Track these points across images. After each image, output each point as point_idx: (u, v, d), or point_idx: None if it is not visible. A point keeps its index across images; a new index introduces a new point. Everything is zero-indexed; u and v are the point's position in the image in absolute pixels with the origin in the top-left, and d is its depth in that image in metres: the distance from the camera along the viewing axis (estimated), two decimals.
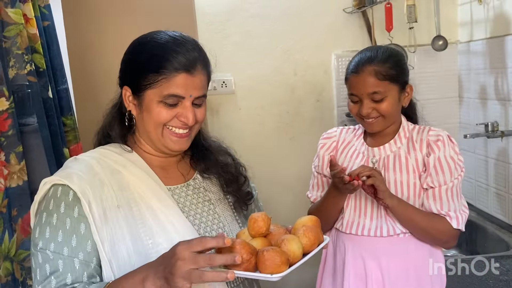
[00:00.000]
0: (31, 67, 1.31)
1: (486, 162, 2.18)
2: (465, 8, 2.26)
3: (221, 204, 1.14)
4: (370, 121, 1.36)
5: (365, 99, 1.34)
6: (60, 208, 0.96)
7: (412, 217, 1.33)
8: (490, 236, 2.07)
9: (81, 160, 1.04)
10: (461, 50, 2.32)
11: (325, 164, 1.48)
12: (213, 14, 2.31)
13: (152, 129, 1.03)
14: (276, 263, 0.88)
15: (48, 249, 0.94)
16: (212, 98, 2.36)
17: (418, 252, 1.38)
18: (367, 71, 1.32)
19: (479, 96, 2.20)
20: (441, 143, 1.34)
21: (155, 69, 1.00)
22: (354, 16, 2.32)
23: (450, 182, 1.33)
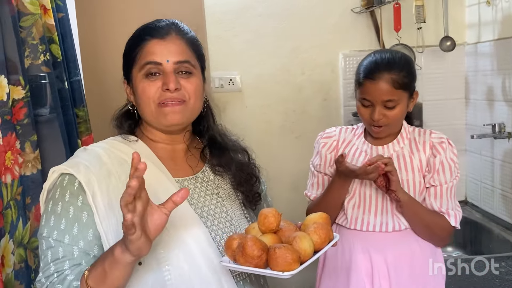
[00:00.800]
0: (45, 58, 1.32)
1: (492, 164, 2.19)
2: (473, 10, 2.28)
3: (230, 199, 1.13)
4: (377, 129, 1.38)
5: (378, 105, 1.35)
6: (65, 197, 0.97)
7: (419, 213, 1.38)
8: (495, 237, 2.08)
9: (90, 151, 1.05)
10: (469, 52, 2.34)
11: (327, 163, 1.49)
12: (222, 13, 2.33)
13: (145, 107, 1.03)
14: (287, 261, 0.88)
15: (51, 237, 0.95)
16: (219, 95, 2.38)
17: (421, 245, 1.42)
18: (384, 79, 1.33)
19: (486, 97, 2.22)
20: (445, 145, 1.41)
21: (133, 47, 1.04)
22: (362, 16, 2.33)
23: (450, 182, 1.41)
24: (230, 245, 0.94)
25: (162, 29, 1.03)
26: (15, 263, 1.14)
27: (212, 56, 2.33)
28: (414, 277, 1.40)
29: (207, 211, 1.07)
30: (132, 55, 1.04)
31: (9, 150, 1.11)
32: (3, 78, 1.14)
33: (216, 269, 1.01)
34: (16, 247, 1.16)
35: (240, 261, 0.89)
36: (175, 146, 1.10)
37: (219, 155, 1.14)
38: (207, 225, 1.05)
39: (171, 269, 0.97)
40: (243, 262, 0.88)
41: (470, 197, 2.44)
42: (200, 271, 0.99)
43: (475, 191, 2.38)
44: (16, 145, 1.16)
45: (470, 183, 2.42)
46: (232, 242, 0.94)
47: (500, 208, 2.15)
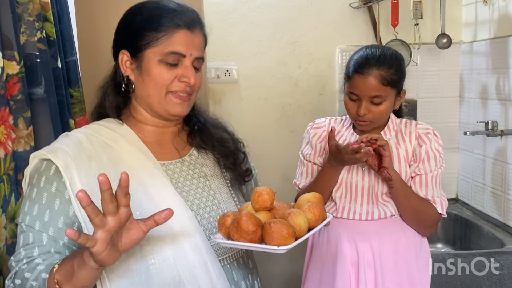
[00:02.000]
0: (42, 35, 1.31)
1: (483, 162, 2.21)
2: (470, 8, 2.30)
3: (217, 180, 1.12)
4: (362, 123, 1.40)
5: (364, 100, 1.36)
6: (40, 183, 0.97)
7: (409, 196, 1.40)
8: (485, 234, 2.09)
9: (70, 136, 1.04)
10: (464, 50, 2.35)
11: (317, 152, 1.51)
12: (220, 3, 2.32)
13: (153, 92, 1.01)
14: (283, 235, 0.88)
15: (24, 222, 0.95)
16: (215, 86, 2.37)
17: (406, 233, 1.44)
18: (373, 74, 1.34)
19: (480, 96, 2.23)
20: (431, 136, 1.44)
21: (155, 26, 0.99)
22: (359, 11, 2.34)
23: (435, 171, 1.43)
24: (223, 223, 0.93)
25: (191, 20, 1.02)
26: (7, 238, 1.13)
27: (209, 46, 2.25)
28: (399, 265, 1.42)
29: (194, 195, 1.06)
30: (153, 35, 0.99)
31: (2, 125, 1.09)
32: None
33: (202, 253, 1.00)
34: (8, 222, 1.15)
35: (234, 237, 0.89)
36: (165, 130, 1.09)
37: (200, 132, 1.13)
38: (192, 209, 1.03)
39: (155, 253, 0.96)
40: (237, 238, 0.88)
41: (461, 194, 2.45)
42: (185, 256, 0.98)
43: (466, 188, 2.39)
44: (9, 120, 1.14)
45: (462, 181, 2.44)
46: (226, 219, 0.93)
47: (490, 206, 2.17)
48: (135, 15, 1.03)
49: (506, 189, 2.04)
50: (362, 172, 1.44)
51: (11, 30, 1.20)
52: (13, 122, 1.16)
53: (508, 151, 2.01)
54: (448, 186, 2.47)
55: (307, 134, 1.55)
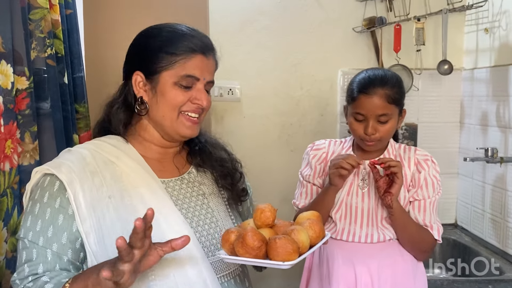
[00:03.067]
0: (52, 51, 1.34)
1: (483, 188, 2.22)
2: (471, 36, 2.34)
3: (215, 199, 1.15)
4: (370, 143, 1.43)
5: (371, 120, 1.40)
6: (43, 198, 0.98)
7: (408, 224, 1.43)
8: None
9: (73, 151, 1.05)
10: (465, 77, 2.39)
11: (316, 174, 1.54)
12: (226, 23, 2.37)
13: (167, 113, 1.04)
14: (288, 251, 0.90)
15: (27, 238, 0.96)
16: (217, 104, 2.40)
17: (404, 257, 1.46)
18: (378, 93, 1.39)
19: (480, 122, 2.26)
20: (429, 162, 1.48)
21: (173, 50, 1.03)
22: (363, 36, 2.38)
23: (433, 197, 1.47)
24: (228, 239, 0.95)
25: (206, 45, 1.07)
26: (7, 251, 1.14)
27: None
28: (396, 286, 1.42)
29: (193, 212, 1.08)
30: (170, 59, 1.03)
31: (10, 139, 1.12)
32: (9, 67, 1.16)
33: (201, 270, 1.02)
34: (9, 235, 1.16)
35: (239, 252, 0.91)
36: (167, 150, 1.12)
37: (201, 152, 1.16)
38: (192, 226, 1.05)
39: (155, 270, 0.98)
40: (243, 253, 0.90)
41: (460, 220, 2.46)
42: (186, 273, 0.99)
43: (465, 214, 2.40)
44: (16, 134, 1.16)
45: (461, 207, 2.45)
46: (230, 235, 0.95)
47: (489, 232, 2.17)
48: (151, 38, 1.07)
49: (505, 216, 2.05)
50: (362, 194, 1.46)
51: (22, 46, 1.23)
52: (19, 136, 1.18)
53: (507, 178, 2.03)
54: (447, 211, 2.48)
55: (307, 155, 1.58)
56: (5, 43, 1.15)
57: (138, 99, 1.06)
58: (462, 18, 2.37)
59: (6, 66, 1.16)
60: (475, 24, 2.30)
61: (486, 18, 2.21)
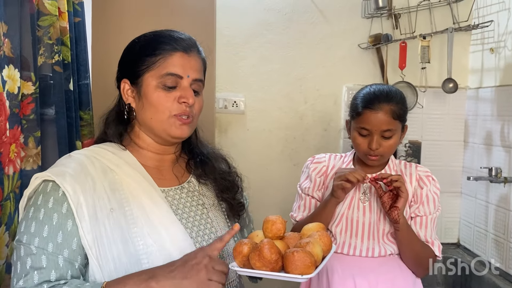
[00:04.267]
0: (59, 58, 1.36)
1: (486, 208, 2.21)
2: (476, 56, 2.36)
3: (215, 210, 1.14)
4: (374, 158, 1.44)
5: (376, 135, 1.41)
6: (48, 203, 0.95)
7: (412, 239, 1.43)
8: (485, 282, 2.08)
9: (74, 158, 1.03)
10: (470, 96, 2.40)
11: (316, 187, 1.54)
12: (231, 36, 2.39)
13: (154, 115, 1.03)
14: (306, 264, 0.90)
15: (32, 244, 0.92)
16: (221, 116, 2.41)
17: (403, 272, 1.46)
18: (384, 109, 1.41)
19: (484, 142, 2.26)
20: (431, 179, 1.50)
21: (152, 51, 1.03)
22: (368, 52, 2.40)
23: (434, 214, 1.48)
24: (241, 251, 0.94)
25: (187, 43, 1.05)
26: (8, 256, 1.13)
27: (219, 77, 2.38)
28: None
29: (192, 222, 1.07)
30: (150, 60, 1.03)
31: (14, 143, 1.12)
32: (16, 72, 1.17)
33: None
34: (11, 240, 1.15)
35: (256, 265, 0.90)
36: (164, 156, 1.11)
37: (203, 164, 1.15)
38: (192, 236, 1.05)
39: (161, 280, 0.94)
40: (259, 267, 0.90)
41: (462, 240, 2.44)
42: None
43: (468, 234, 2.39)
44: (20, 138, 1.17)
45: (464, 226, 2.44)
46: (243, 248, 0.94)
47: (492, 253, 2.16)
48: (134, 44, 1.09)
49: (508, 236, 2.04)
50: (363, 208, 1.47)
51: (29, 52, 1.25)
52: (23, 141, 1.18)
53: (511, 199, 2.02)
54: (450, 230, 2.47)
55: (307, 168, 1.58)
56: (13, 48, 1.17)
57: (126, 106, 1.06)
58: (467, 37, 2.39)
59: (13, 71, 1.17)
60: (481, 44, 2.32)
61: (492, 38, 2.23)
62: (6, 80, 1.10)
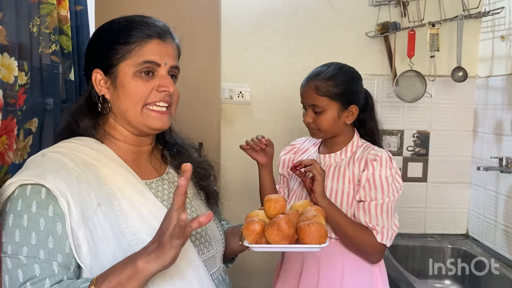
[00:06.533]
0: (56, 48, 1.29)
1: (496, 198, 2.12)
2: (487, 44, 2.24)
3: (196, 199, 1.10)
4: (311, 131, 1.49)
5: (307, 108, 1.47)
6: (31, 208, 0.86)
7: (340, 222, 1.39)
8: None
9: (50, 156, 0.94)
10: (480, 85, 2.29)
11: (280, 165, 1.66)
12: (237, 26, 2.31)
13: (131, 107, 0.96)
14: (321, 234, 0.93)
15: (21, 254, 0.84)
16: (227, 107, 2.34)
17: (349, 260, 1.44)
18: (309, 85, 1.45)
19: (494, 131, 2.16)
20: (377, 163, 1.41)
21: (126, 39, 0.95)
22: (376, 41, 2.30)
23: (381, 199, 1.39)
24: (254, 229, 0.94)
25: (162, 30, 0.99)
26: None
27: (224, 67, 2.30)
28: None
29: None
30: (125, 48, 0.95)
31: (6, 134, 1.05)
32: (12, 60, 1.10)
33: (198, 269, 0.97)
34: None
35: (275, 240, 0.92)
36: (141, 148, 1.04)
37: (179, 155, 1.11)
38: None
39: None
40: (278, 241, 0.91)
41: (471, 231, 2.35)
42: (182, 272, 0.94)
43: (477, 225, 2.30)
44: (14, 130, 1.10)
45: (472, 217, 2.34)
46: (255, 226, 0.95)
47: (501, 244, 2.07)
48: (104, 32, 0.99)
49: None
50: None
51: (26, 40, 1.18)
52: (16, 133, 1.12)
53: None
54: (459, 221, 2.38)
55: None
56: (9, 36, 1.10)
57: (100, 97, 0.98)
58: (477, 24, 2.28)
59: (9, 59, 1.10)
60: (491, 31, 2.20)
61: (503, 25, 2.11)
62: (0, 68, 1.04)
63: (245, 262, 2.39)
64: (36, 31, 1.22)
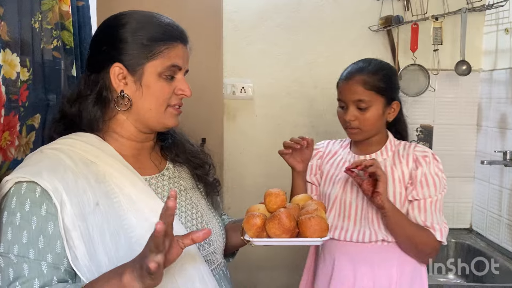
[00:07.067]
0: (58, 43, 1.27)
1: (500, 193, 2.10)
2: (491, 37, 2.22)
3: (196, 193, 1.10)
4: (352, 131, 1.40)
5: (350, 105, 1.37)
6: (24, 206, 0.85)
7: (402, 224, 1.33)
8: (499, 267, 1.98)
9: (48, 153, 0.92)
10: (484, 78, 2.26)
11: (308, 171, 1.51)
12: (239, 21, 2.29)
13: (154, 106, 0.97)
14: (322, 228, 0.93)
15: (11, 253, 0.83)
16: (230, 102, 2.32)
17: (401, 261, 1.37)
18: (355, 79, 1.36)
19: (498, 125, 2.14)
20: (429, 160, 1.37)
21: (156, 40, 0.96)
22: (379, 35, 2.28)
23: (435, 196, 1.36)
24: (255, 223, 0.94)
25: (185, 35, 1.02)
26: None
27: (226, 62, 2.28)
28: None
29: (179, 208, 1.02)
30: (156, 48, 0.95)
31: (7, 130, 1.04)
32: (14, 56, 1.09)
33: (199, 267, 0.96)
34: None
35: (276, 234, 0.92)
36: (144, 144, 1.03)
37: (174, 145, 1.11)
38: (182, 222, 1.00)
39: None
40: (279, 234, 0.92)
41: (475, 225, 2.34)
42: (184, 269, 0.93)
43: (481, 219, 2.28)
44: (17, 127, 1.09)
45: (476, 211, 2.33)
46: (256, 220, 0.94)
47: (505, 238, 2.05)
48: (131, 27, 0.97)
49: None
50: (356, 190, 1.40)
51: (28, 36, 1.17)
52: (19, 129, 1.11)
53: None
54: (462, 215, 2.37)
55: None
56: (10, 31, 1.08)
57: (120, 93, 0.96)
58: (481, 17, 2.25)
59: (11, 56, 1.09)
60: (495, 24, 2.18)
61: (507, 18, 2.09)
62: (1, 64, 1.03)
63: (246, 257, 2.38)
64: (38, 26, 1.21)
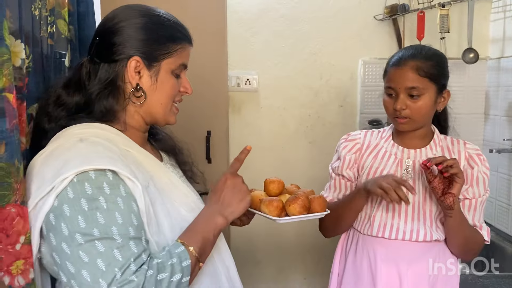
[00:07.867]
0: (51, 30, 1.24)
1: (509, 182, 2.07)
2: (498, 24, 2.18)
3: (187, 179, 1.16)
4: (401, 120, 1.28)
5: (401, 93, 1.26)
6: (104, 190, 0.84)
7: (463, 224, 1.28)
8: (509, 257, 1.95)
9: (94, 142, 0.90)
10: (491, 66, 2.23)
11: (345, 165, 1.40)
12: (243, 12, 2.25)
13: (165, 102, 1.02)
14: (325, 204, 1.12)
15: (111, 234, 0.82)
16: (234, 94, 2.29)
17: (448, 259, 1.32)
18: (409, 65, 1.26)
19: (506, 113, 2.10)
20: (482, 157, 1.33)
21: (175, 38, 1.02)
22: (384, 24, 2.24)
23: (484, 195, 1.32)
24: (278, 205, 1.06)
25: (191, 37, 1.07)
26: None
27: (231, 54, 2.25)
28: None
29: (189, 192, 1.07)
30: (173, 47, 1.01)
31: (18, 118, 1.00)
32: (18, 43, 1.05)
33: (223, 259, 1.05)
34: None
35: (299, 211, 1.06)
36: (145, 134, 1.08)
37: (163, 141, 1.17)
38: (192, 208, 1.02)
39: None
40: (301, 212, 1.06)
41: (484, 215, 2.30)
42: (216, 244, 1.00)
43: (489, 208, 2.24)
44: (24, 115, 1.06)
45: None
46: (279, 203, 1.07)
47: None
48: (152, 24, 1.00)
49: None
50: None
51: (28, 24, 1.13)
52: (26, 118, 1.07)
53: None
54: None
55: (339, 147, 1.44)
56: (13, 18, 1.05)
57: (137, 85, 0.98)
58: (488, 5, 2.21)
59: (14, 42, 1.05)
60: (502, 11, 2.14)
61: None
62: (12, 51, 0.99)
63: (253, 248, 2.35)
64: (38, 14, 1.17)
